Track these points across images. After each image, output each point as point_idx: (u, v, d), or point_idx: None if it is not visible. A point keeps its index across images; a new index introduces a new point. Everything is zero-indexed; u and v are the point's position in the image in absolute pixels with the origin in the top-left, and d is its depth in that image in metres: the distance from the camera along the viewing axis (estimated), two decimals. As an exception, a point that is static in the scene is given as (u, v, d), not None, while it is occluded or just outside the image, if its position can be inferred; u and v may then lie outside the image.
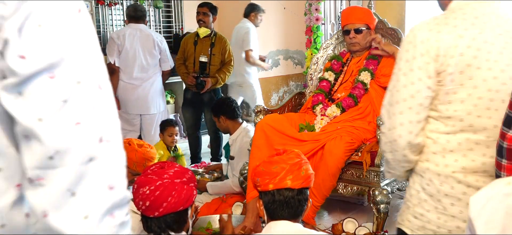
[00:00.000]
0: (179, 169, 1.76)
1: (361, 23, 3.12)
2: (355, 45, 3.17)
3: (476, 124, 1.37)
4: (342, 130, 2.88)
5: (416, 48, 1.36)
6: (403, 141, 1.40)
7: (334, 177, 2.80)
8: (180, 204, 1.70)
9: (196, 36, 4.62)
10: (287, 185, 1.72)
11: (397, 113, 1.40)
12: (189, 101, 4.72)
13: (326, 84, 3.28)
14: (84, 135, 0.68)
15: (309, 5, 5.00)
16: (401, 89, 1.39)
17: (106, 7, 5.73)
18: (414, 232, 1.48)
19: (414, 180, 1.49)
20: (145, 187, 1.68)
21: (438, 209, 1.42)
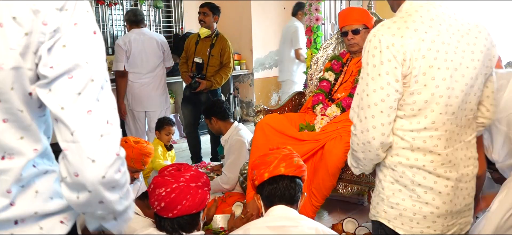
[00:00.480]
0: (195, 173, 1.81)
1: (358, 23, 3.12)
2: (354, 46, 3.17)
3: (437, 121, 1.47)
4: (342, 130, 2.87)
5: (382, 53, 1.41)
6: (376, 142, 1.47)
7: (334, 177, 2.80)
8: (194, 207, 1.75)
9: (198, 36, 4.67)
10: (281, 172, 1.88)
11: (369, 117, 1.46)
12: (187, 99, 4.78)
13: (326, 84, 3.28)
14: (95, 118, 0.97)
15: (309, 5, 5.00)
16: (371, 93, 1.44)
17: (106, 7, 5.73)
18: (391, 221, 1.56)
19: (384, 173, 1.57)
20: (162, 188, 1.74)
21: (412, 197, 1.52)
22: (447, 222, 1.55)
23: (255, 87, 6.96)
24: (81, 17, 0.98)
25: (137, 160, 2.97)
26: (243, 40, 6.87)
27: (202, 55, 4.58)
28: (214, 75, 4.59)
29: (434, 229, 1.54)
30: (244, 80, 7.02)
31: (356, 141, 1.53)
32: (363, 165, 1.60)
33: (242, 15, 6.80)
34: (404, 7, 1.50)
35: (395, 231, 1.56)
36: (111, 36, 5.89)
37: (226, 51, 4.62)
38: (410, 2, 1.49)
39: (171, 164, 1.93)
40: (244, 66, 6.91)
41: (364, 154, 1.54)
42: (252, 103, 6.93)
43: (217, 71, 4.61)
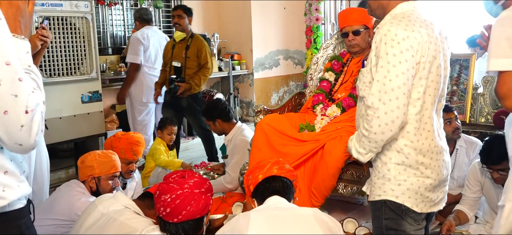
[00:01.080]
0: (199, 180, 1.89)
1: (358, 24, 3.11)
2: (354, 46, 3.16)
3: (433, 103, 1.78)
4: (342, 130, 2.87)
5: (400, 44, 1.66)
6: (399, 121, 1.69)
7: (334, 177, 2.80)
8: (197, 213, 1.84)
9: (174, 40, 4.65)
10: (274, 173, 2.05)
11: (394, 99, 1.67)
12: (168, 104, 4.74)
13: (326, 84, 3.28)
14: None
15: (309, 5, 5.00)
16: (394, 78, 1.66)
17: (106, 7, 5.73)
18: (399, 197, 1.79)
19: (389, 156, 1.79)
20: (167, 195, 1.82)
21: (416, 174, 1.78)
22: (439, 189, 1.85)
23: (255, 87, 6.96)
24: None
25: (127, 150, 3.04)
26: (243, 40, 6.87)
27: (179, 58, 4.56)
28: (192, 77, 4.55)
29: (431, 197, 1.82)
30: (244, 80, 7.02)
31: (378, 122, 1.70)
32: (377, 147, 1.77)
33: (242, 15, 6.80)
34: (397, 11, 1.77)
35: (403, 205, 1.79)
36: (111, 36, 5.88)
37: (202, 52, 4.55)
38: (401, 7, 1.77)
39: (176, 170, 2.03)
40: (244, 66, 6.91)
41: (384, 135, 1.71)
42: (252, 103, 6.93)
43: (195, 73, 4.57)
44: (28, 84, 1.24)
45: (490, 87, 3.69)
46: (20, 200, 1.36)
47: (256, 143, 2.97)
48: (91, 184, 2.67)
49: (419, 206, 1.80)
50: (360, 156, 1.82)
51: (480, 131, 3.62)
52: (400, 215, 1.81)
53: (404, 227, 1.81)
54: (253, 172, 2.11)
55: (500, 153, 2.51)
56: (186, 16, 4.55)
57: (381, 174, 1.82)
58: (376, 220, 1.89)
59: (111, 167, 2.70)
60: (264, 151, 2.92)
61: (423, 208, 1.81)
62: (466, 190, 2.90)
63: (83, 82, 4.46)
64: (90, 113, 4.54)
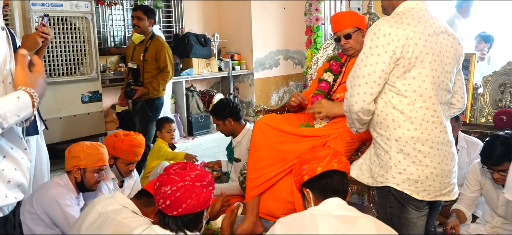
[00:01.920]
0: (201, 172, 1.82)
1: (349, 27, 3.10)
2: (349, 50, 3.16)
3: (426, 96, 1.84)
4: (342, 130, 2.87)
5: (379, 39, 1.79)
6: (358, 106, 1.85)
7: (334, 177, 2.79)
8: (198, 206, 1.77)
9: (133, 42, 4.45)
10: (334, 167, 1.91)
11: (357, 85, 1.84)
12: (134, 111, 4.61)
13: (325, 85, 3.27)
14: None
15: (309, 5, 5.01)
16: (362, 67, 1.82)
17: (106, 7, 5.73)
18: (400, 185, 1.88)
19: (390, 145, 1.89)
20: (167, 187, 1.75)
21: (415, 163, 1.87)
22: (444, 180, 1.92)
23: (255, 87, 6.96)
24: None
25: (129, 152, 3.04)
26: (243, 40, 6.87)
27: (137, 61, 4.35)
28: (151, 81, 4.31)
29: (434, 186, 1.89)
30: (244, 80, 7.02)
31: (346, 102, 1.91)
32: (352, 124, 1.96)
33: (242, 15, 6.80)
34: (398, 9, 1.88)
35: (403, 192, 1.88)
36: (111, 36, 5.89)
37: (161, 54, 4.29)
38: (403, 5, 1.87)
39: (177, 162, 1.92)
40: (244, 66, 6.91)
41: (349, 113, 1.91)
42: (252, 104, 6.93)
43: (154, 77, 4.34)
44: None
45: (490, 87, 3.70)
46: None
47: (254, 142, 2.97)
48: (76, 175, 2.63)
49: (420, 194, 1.88)
50: (350, 128, 2.05)
51: (480, 131, 3.62)
52: (402, 203, 1.90)
53: (407, 214, 1.91)
54: (309, 162, 1.96)
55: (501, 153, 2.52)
56: (146, 17, 4.32)
57: (383, 161, 1.92)
58: (382, 207, 2.01)
59: (98, 159, 2.66)
60: (263, 150, 2.91)
61: (426, 196, 1.89)
62: (465, 189, 2.90)
63: (83, 82, 4.47)
64: (90, 114, 4.55)
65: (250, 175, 2.93)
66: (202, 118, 6.20)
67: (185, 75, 6.06)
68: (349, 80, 1.88)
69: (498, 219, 2.77)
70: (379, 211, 2.04)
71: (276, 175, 2.90)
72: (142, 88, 4.26)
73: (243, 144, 3.57)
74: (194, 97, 6.28)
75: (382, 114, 1.88)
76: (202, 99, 6.38)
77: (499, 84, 3.68)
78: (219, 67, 6.63)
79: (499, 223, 2.78)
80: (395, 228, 1.89)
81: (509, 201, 2.65)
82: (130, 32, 5.82)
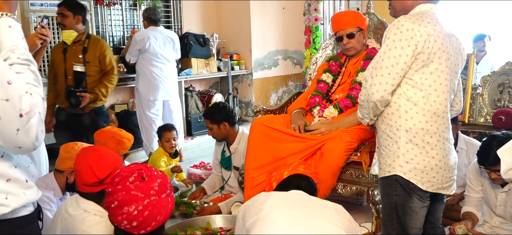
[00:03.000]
0: (162, 180, 1.65)
1: (352, 27, 3.11)
2: (350, 50, 3.16)
3: (439, 90, 1.94)
4: (341, 130, 2.87)
5: (402, 33, 1.88)
6: (378, 95, 1.93)
7: (335, 176, 2.80)
8: (166, 218, 1.64)
9: (64, 43, 3.65)
10: (300, 171, 2.04)
11: (379, 75, 1.92)
12: (63, 125, 3.73)
13: (323, 85, 3.27)
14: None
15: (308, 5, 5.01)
16: (385, 59, 1.91)
17: (105, 7, 5.72)
18: (407, 174, 1.97)
19: (398, 135, 1.98)
20: (131, 206, 1.55)
21: (422, 153, 1.96)
22: (446, 174, 2.01)
23: (254, 87, 6.96)
24: None
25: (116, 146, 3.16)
26: (242, 40, 6.87)
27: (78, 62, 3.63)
28: (97, 86, 3.64)
29: (437, 178, 1.98)
30: (243, 80, 7.02)
31: (364, 92, 1.98)
32: (368, 114, 2.03)
33: (241, 15, 6.80)
34: (415, 11, 1.97)
35: (410, 181, 1.97)
36: (110, 36, 5.88)
37: (106, 55, 3.69)
38: (419, 7, 1.97)
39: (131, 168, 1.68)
40: (243, 66, 6.90)
41: (367, 103, 1.98)
42: (251, 104, 6.93)
43: (98, 81, 3.67)
44: (19, 86, 1.20)
45: (489, 87, 3.70)
46: (25, 207, 1.34)
47: (251, 142, 2.97)
48: (70, 177, 2.52)
49: (425, 184, 1.97)
50: (360, 120, 2.12)
51: (479, 131, 3.63)
52: (408, 191, 1.98)
53: (411, 203, 1.99)
54: (278, 168, 2.10)
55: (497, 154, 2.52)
56: (72, 14, 3.56)
57: (391, 151, 2.01)
58: (386, 196, 2.07)
59: None
60: (260, 150, 2.91)
61: (429, 187, 1.98)
62: (469, 190, 2.90)
63: (82, 83, 4.44)
64: (89, 114, 4.53)
65: (248, 175, 2.93)
66: (201, 118, 6.20)
67: (184, 75, 6.06)
68: (369, 70, 1.97)
69: (497, 219, 2.77)
70: (382, 200, 2.10)
71: (274, 175, 2.91)
72: (90, 95, 3.56)
73: (240, 149, 3.48)
74: (193, 98, 6.28)
75: (395, 105, 1.97)
76: (201, 100, 6.38)
77: (498, 84, 3.69)
78: (218, 67, 6.63)
79: (498, 222, 2.78)
80: (398, 216, 2.02)
81: (507, 201, 2.65)
82: (129, 32, 5.82)
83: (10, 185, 1.30)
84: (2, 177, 1.30)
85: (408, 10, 2.00)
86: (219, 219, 3.06)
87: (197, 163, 4.86)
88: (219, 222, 3.04)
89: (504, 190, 2.65)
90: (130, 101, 5.85)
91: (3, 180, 1.29)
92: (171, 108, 5.18)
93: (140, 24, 6.09)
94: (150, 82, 4.94)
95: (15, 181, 1.31)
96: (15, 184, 1.31)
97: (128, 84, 5.57)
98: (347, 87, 3.17)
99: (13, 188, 1.30)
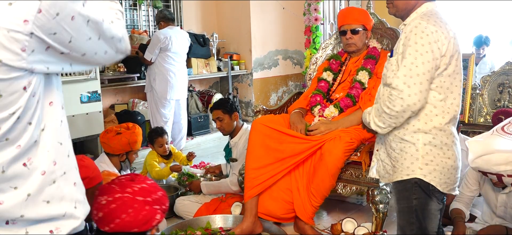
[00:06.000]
0: (148, 187, 1.59)
1: (357, 23, 3.12)
2: (351, 45, 3.17)
3: (455, 92, 1.96)
4: (341, 130, 2.87)
5: (428, 37, 1.85)
6: (419, 104, 1.89)
7: (334, 177, 2.80)
8: (135, 225, 1.53)
9: None
10: None
11: (418, 83, 1.87)
12: None
13: (324, 84, 3.27)
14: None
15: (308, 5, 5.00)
16: (420, 65, 1.86)
17: (105, 7, 5.72)
18: (427, 176, 1.95)
19: (417, 137, 1.96)
20: (103, 196, 1.54)
21: (440, 154, 1.95)
22: (457, 174, 2.02)
23: (254, 87, 6.96)
24: None
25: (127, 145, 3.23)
26: (242, 40, 6.87)
27: None
28: None
29: (451, 179, 1.99)
30: (243, 80, 7.02)
31: (400, 103, 1.90)
32: (396, 123, 1.97)
33: (241, 15, 6.80)
34: (423, 10, 1.95)
35: (430, 183, 1.94)
36: (110, 36, 5.88)
37: None
38: (426, 6, 1.96)
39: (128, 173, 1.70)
40: (243, 66, 6.90)
41: (404, 113, 1.91)
42: (251, 104, 6.93)
43: None
44: (110, 19, 1.13)
45: (489, 87, 3.70)
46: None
47: (251, 142, 2.97)
48: None
49: (442, 185, 1.96)
50: (379, 129, 2.03)
51: (479, 131, 3.62)
52: (428, 194, 1.96)
53: (430, 206, 1.97)
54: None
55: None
56: None
57: (408, 154, 1.97)
58: (404, 200, 2.02)
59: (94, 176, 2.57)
60: (260, 150, 2.91)
61: (445, 188, 1.97)
62: (464, 188, 2.90)
63: (82, 82, 4.46)
64: (89, 114, 4.54)
65: (248, 175, 2.93)
66: (201, 117, 6.20)
67: (184, 75, 6.07)
68: (401, 79, 1.89)
69: (497, 220, 2.77)
70: (399, 205, 2.06)
71: (274, 175, 2.91)
72: None
73: (240, 144, 3.53)
74: (193, 98, 6.28)
75: None
76: (201, 99, 6.38)
77: (498, 84, 3.69)
78: (218, 67, 6.63)
79: (498, 223, 2.78)
80: (419, 221, 1.99)
81: (507, 202, 2.65)
82: (129, 32, 5.82)
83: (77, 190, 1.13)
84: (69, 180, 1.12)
85: (411, 9, 1.98)
86: (219, 219, 3.06)
87: (197, 163, 4.86)
88: (219, 222, 3.04)
89: (504, 191, 2.65)
90: (130, 101, 5.85)
91: (70, 183, 1.12)
92: (181, 107, 5.25)
93: (140, 24, 6.09)
94: (168, 81, 4.98)
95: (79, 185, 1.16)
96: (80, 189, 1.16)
97: (128, 84, 5.56)
98: (347, 85, 3.18)
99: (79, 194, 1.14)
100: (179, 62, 5.10)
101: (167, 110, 5.08)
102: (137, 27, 6.01)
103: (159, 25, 5.11)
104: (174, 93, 5.06)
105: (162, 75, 4.97)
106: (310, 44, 5.05)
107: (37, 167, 1.03)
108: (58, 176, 1.07)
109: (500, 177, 2.30)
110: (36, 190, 1.02)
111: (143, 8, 6.14)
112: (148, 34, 5.84)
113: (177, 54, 5.05)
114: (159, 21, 5.10)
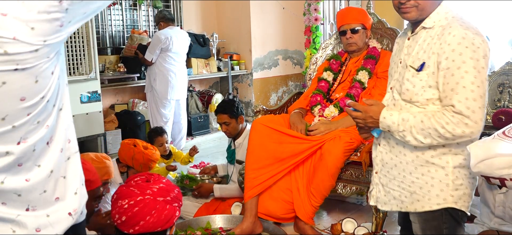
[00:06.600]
0: (165, 186, 1.63)
1: (357, 23, 3.13)
2: (352, 45, 3.17)
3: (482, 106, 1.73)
4: (340, 130, 2.88)
5: (479, 49, 1.59)
6: (481, 130, 1.64)
7: (334, 177, 2.80)
8: (158, 225, 1.58)
9: None
10: None
11: (482, 107, 1.61)
12: None
13: (324, 84, 3.28)
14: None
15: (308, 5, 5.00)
16: (481, 85, 1.59)
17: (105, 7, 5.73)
18: (458, 203, 1.72)
19: (447, 160, 1.71)
20: (124, 200, 1.56)
21: (467, 175, 1.73)
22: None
23: (254, 87, 6.97)
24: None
25: (145, 166, 3.11)
26: (242, 40, 6.87)
27: None
28: None
29: (471, 199, 1.77)
30: (243, 80, 7.02)
31: (463, 129, 1.61)
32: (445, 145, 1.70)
33: (241, 15, 6.80)
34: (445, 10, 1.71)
35: (460, 210, 1.73)
36: (110, 36, 5.88)
37: None
38: (446, 5, 1.72)
39: (141, 173, 1.73)
40: (243, 66, 6.91)
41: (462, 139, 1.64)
42: (251, 104, 6.94)
43: None
44: None
45: (489, 87, 3.70)
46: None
47: (251, 142, 2.97)
48: None
49: (468, 208, 1.76)
50: (418, 143, 1.69)
51: (478, 131, 3.62)
52: (458, 221, 1.78)
53: (460, 231, 1.81)
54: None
55: None
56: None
57: (436, 179, 1.73)
58: (432, 230, 1.79)
59: (104, 173, 2.53)
60: (260, 150, 2.92)
61: (466, 209, 1.76)
62: None
63: (82, 82, 4.46)
64: (89, 114, 4.54)
65: (248, 175, 2.93)
66: (201, 118, 6.20)
67: (184, 75, 6.07)
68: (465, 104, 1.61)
69: (496, 220, 2.77)
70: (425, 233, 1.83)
71: (274, 175, 2.91)
72: None
73: (244, 145, 3.45)
74: (193, 98, 6.28)
75: None
76: (201, 100, 6.39)
77: (498, 84, 3.69)
78: (218, 67, 6.63)
79: (497, 224, 2.78)
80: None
81: (505, 202, 2.66)
82: (129, 32, 5.82)
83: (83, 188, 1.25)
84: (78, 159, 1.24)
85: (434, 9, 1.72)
86: (219, 219, 3.06)
87: (197, 163, 4.86)
88: (219, 222, 3.04)
89: (501, 191, 2.65)
90: (130, 101, 5.85)
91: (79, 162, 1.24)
92: (181, 107, 5.28)
93: (140, 24, 6.09)
94: (168, 81, 5.00)
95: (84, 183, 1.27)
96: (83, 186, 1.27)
97: (128, 84, 5.56)
98: (347, 85, 3.18)
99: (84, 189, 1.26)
100: (179, 62, 5.12)
101: (167, 110, 5.10)
102: (137, 27, 6.01)
103: (159, 25, 5.12)
104: (174, 93, 5.08)
105: (162, 75, 4.98)
106: (310, 44, 5.06)
107: (57, 145, 1.15)
108: (72, 153, 1.20)
109: (503, 181, 2.29)
110: (56, 166, 1.14)
111: (143, 8, 6.14)
112: (148, 35, 5.84)
113: (178, 54, 5.06)
114: (159, 22, 5.11)
